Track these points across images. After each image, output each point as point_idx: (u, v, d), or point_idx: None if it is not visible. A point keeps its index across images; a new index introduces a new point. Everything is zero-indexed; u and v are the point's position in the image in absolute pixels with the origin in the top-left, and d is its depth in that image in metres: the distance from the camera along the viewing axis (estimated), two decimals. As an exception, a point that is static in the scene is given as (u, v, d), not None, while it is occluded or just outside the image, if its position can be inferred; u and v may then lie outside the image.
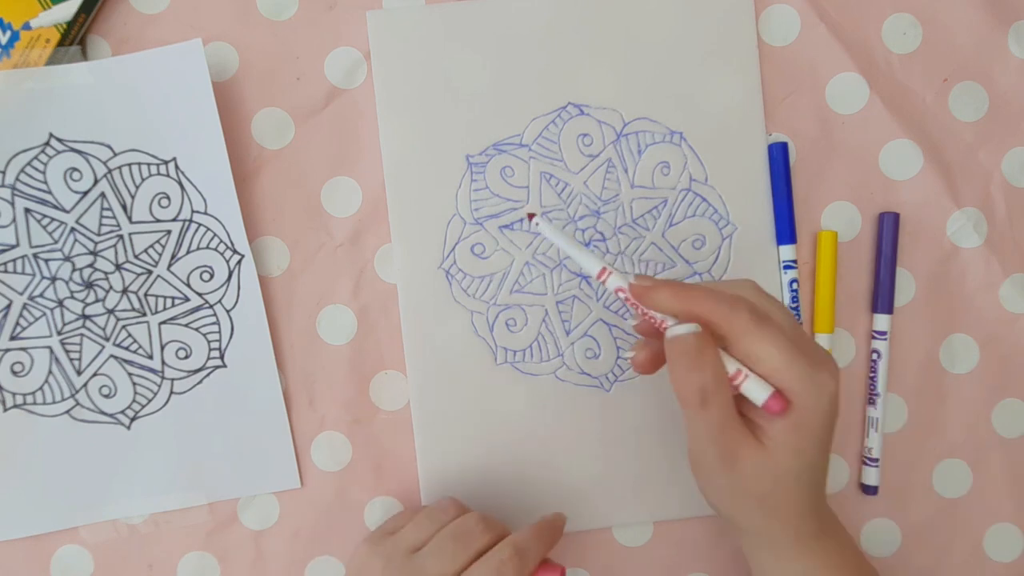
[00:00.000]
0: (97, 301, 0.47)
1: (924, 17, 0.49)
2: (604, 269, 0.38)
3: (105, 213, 0.47)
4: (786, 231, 0.49)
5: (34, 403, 0.47)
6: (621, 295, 0.38)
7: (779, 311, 0.37)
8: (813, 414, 0.35)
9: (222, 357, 0.48)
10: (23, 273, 0.47)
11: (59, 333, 0.47)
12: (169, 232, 0.47)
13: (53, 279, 0.47)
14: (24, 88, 0.45)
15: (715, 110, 0.49)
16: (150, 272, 0.47)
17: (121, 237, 0.47)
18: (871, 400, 0.49)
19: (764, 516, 0.38)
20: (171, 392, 0.47)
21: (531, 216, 0.40)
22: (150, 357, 0.47)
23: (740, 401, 0.37)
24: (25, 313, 0.47)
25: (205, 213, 0.47)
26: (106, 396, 0.47)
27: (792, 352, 0.35)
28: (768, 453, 0.36)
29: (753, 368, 0.36)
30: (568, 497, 0.48)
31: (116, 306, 0.47)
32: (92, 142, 0.46)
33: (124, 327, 0.47)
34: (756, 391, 0.36)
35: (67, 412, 0.47)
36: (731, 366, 0.36)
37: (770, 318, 0.36)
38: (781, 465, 0.36)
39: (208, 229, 0.47)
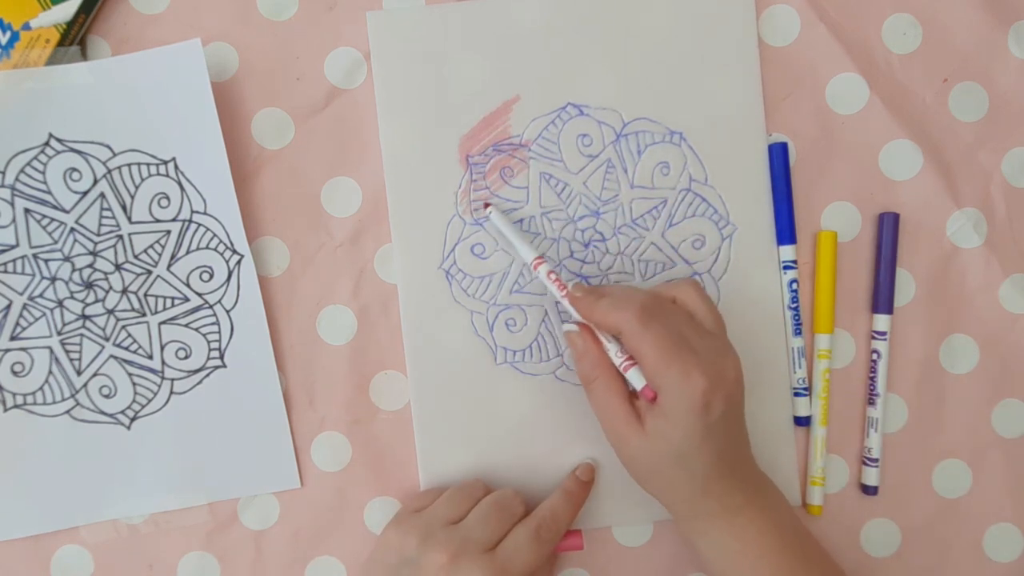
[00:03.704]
0: (97, 301, 0.47)
1: (924, 17, 0.49)
2: (539, 259, 0.46)
3: (105, 213, 0.47)
4: (786, 231, 0.49)
5: (34, 403, 0.47)
6: (554, 281, 0.45)
7: (670, 315, 0.42)
8: (679, 408, 0.40)
9: (222, 357, 0.48)
10: (23, 273, 0.47)
11: (59, 333, 0.47)
12: (169, 232, 0.47)
13: (53, 279, 0.47)
14: (24, 88, 0.45)
15: (715, 110, 0.49)
16: (150, 272, 0.47)
17: (121, 237, 0.47)
18: (871, 400, 0.49)
19: (660, 492, 0.43)
20: (171, 392, 0.47)
21: (487, 205, 0.47)
22: (150, 357, 0.47)
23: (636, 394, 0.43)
24: (25, 313, 0.47)
25: (205, 213, 0.47)
26: (106, 396, 0.47)
27: (667, 355, 0.40)
28: (646, 436, 0.41)
29: (640, 362, 0.42)
30: (568, 497, 0.48)
31: (116, 306, 0.47)
32: (92, 142, 0.46)
33: (124, 327, 0.47)
34: (635, 380, 0.42)
35: (67, 412, 0.47)
36: (621, 356, 0.42)
37: (656, 321, 0.41)
38: (655, 448, 0.41)
39: (208, 229, 0.47)
